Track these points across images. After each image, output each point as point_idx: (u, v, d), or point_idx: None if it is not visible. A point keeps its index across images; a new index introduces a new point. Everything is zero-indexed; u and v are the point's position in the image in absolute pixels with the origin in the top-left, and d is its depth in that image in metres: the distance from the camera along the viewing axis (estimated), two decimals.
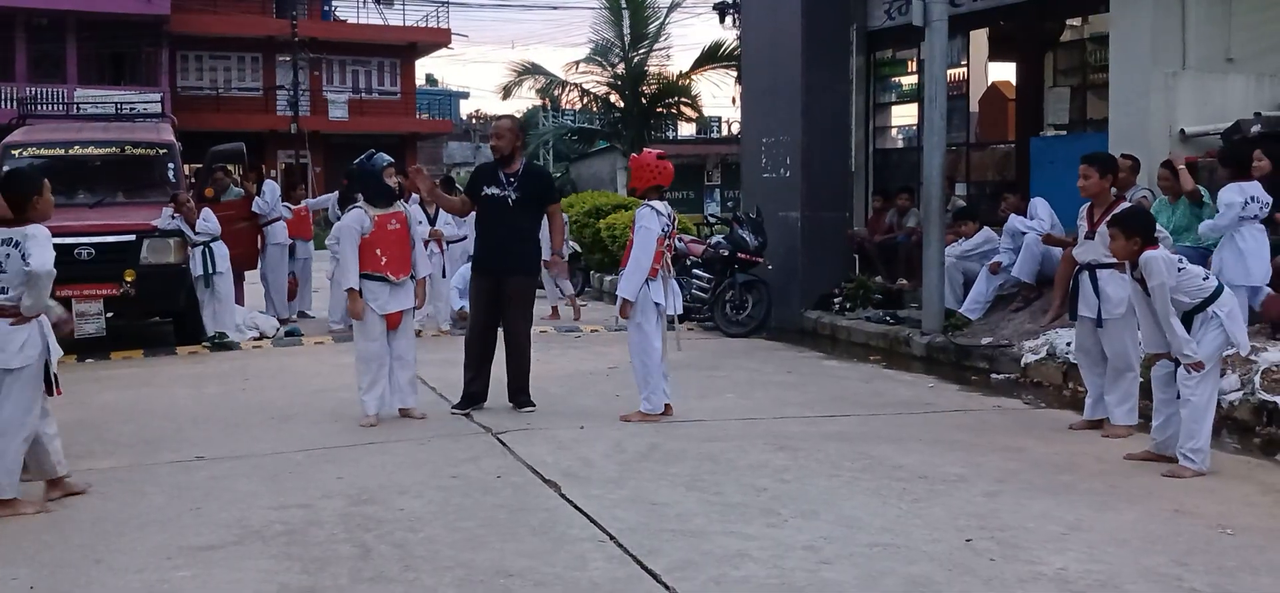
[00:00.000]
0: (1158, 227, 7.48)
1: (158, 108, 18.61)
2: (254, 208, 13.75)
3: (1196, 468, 6.29)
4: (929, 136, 11.31)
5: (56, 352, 6.07)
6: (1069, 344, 8.84)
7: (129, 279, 11.52)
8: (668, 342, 7.99)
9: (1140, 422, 7.46)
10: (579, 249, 17.82)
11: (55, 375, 6.03)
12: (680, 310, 8.30)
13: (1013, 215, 11.28)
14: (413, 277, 8.08)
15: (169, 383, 9.93)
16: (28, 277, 5.76)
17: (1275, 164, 9.22)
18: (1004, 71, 16.13)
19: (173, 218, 11.96)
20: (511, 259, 8.26)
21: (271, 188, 14.19)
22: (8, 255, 5.82)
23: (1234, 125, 10.50)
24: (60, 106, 27.04)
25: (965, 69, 14.57)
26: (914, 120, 14.31)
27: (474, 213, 8.66)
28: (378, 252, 7.83)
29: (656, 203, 7.92)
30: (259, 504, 5.91)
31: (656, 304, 7.84)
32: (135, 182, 12.96)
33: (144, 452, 7.23)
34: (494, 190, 8.25)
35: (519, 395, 8.39)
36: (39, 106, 26.89)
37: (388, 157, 8.22)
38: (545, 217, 8.59)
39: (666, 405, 7.97)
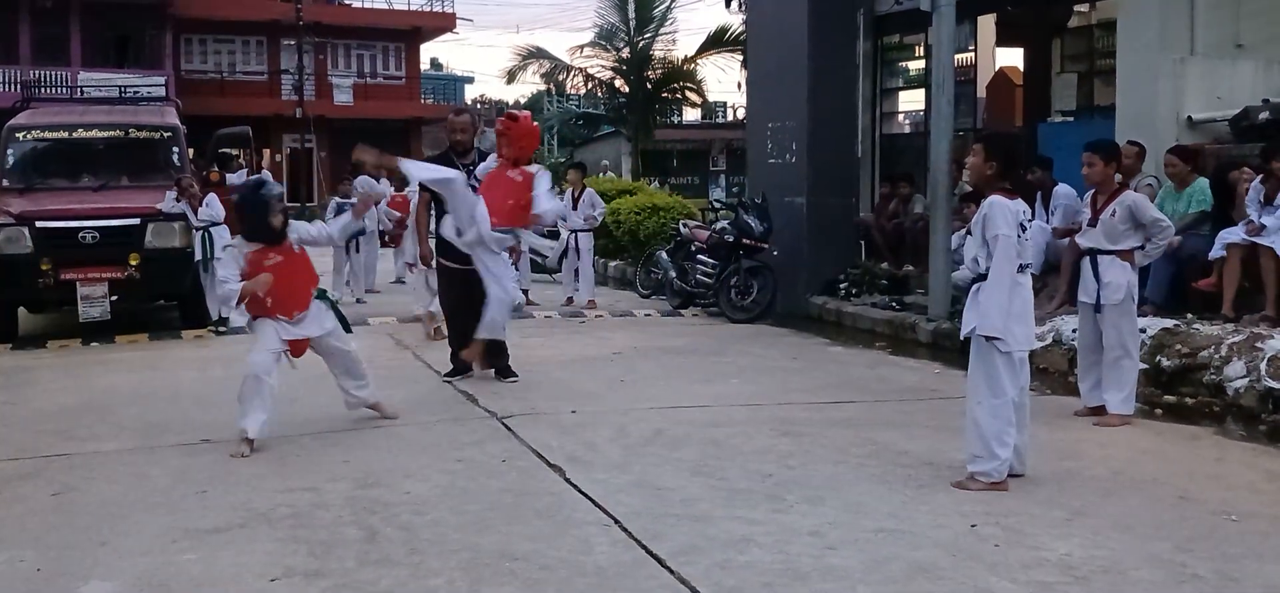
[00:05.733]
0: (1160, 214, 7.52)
1: (162, 91, 18.67)
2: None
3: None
4: (936, 122, 11.27)
5: None
6: (1074, 331, 8.83)
7: (134, 263, 11.53)
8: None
9: (1138, 409, 7.49)
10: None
11: None
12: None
13: (1062, 185, 10.90)
14: (322, 296, 7.18)
15: (174, 366, 9.94)
16: None
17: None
18: (1011, 57, 16.07)
19: (177, 202, 11.96)
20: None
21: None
22: None
23: (1243, 112, 10.45)
24: (64, 89, 27.08)
25: (973, 54, 14.52)
26: (921, 106, 14.26)
27: (436, 204, 8.88)
28: (261, 294, 6.73)
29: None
30: (265, 487, 5.91)
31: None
32: (139, 165, 12.95)
33: (149, 435, 7.24)
34: None
35: (498, 359, 8.78)
36: (43, 89, 26.93)
37: (277, 186, 7.20)
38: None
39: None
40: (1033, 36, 15.18)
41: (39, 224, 11.38)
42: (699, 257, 13.49)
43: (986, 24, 14.76)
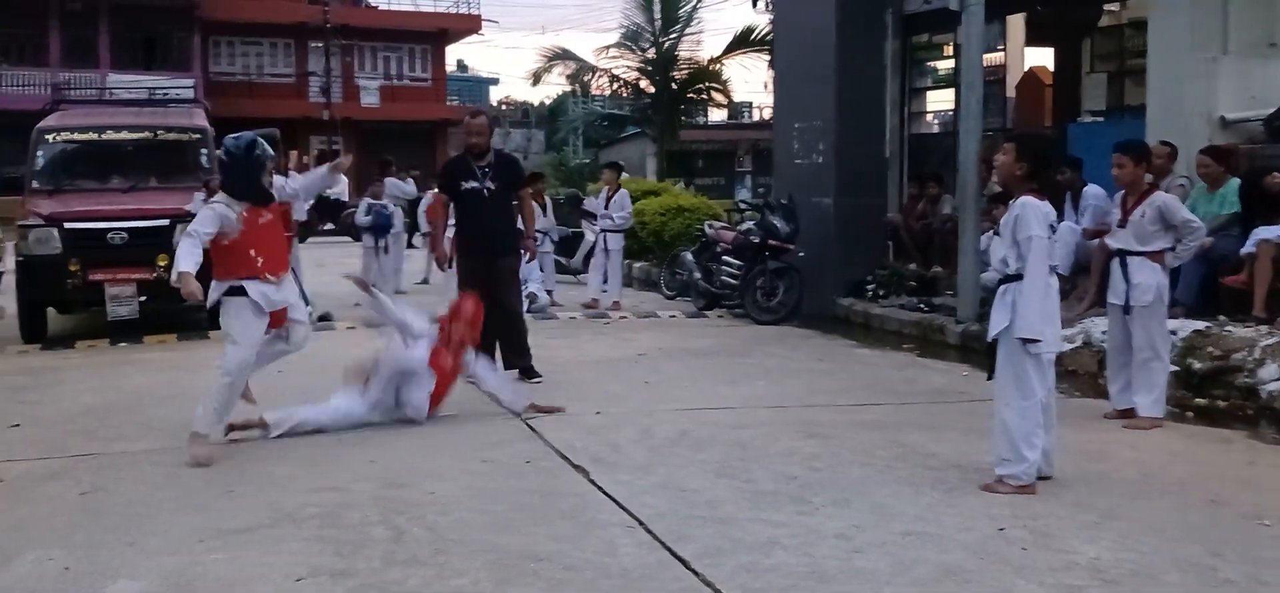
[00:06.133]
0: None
1: (190, 93, 18.73)
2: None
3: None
4: (965, 122, 11.20)
5: None
6: (1104, 333, 8.76)
7: (162, 263, 11.59)
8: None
9: (1169, 412, 7.41)
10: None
11: None
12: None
13: (1092, 186, 10.86)
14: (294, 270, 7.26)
15: (202, 366, 9.91)
16: None
17: None
18: (1041, 57, 16.02)
19: (205, 203, 12.01)
20: (497, 243, 8.90)
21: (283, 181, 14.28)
22: None
23: (1277, 111, 10.34)
24: (93, 92, 27.28)
25: (1002, 54, 14.46)
26: (950, 105, 14.19)
27: (455, 205, 9.09)
28: (253, 252, 6.66)
29: None
30: (293, 487, 5.93)
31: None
32: (168, 167, 13.02)
33: (177, 434, 7.23)
34: (472, 184, 8.84)
35: (522, 359, 8.88)
36: (72, 91, 27.16)
37: (269, 149, 6.95)
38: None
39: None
40: (1062, 36, 15.11)
41: (68, 225, 11.47)
42: (724, 258, 13.46)
43: (1016, 23, 14.69)
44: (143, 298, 11.60)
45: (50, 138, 12.82)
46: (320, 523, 5.33)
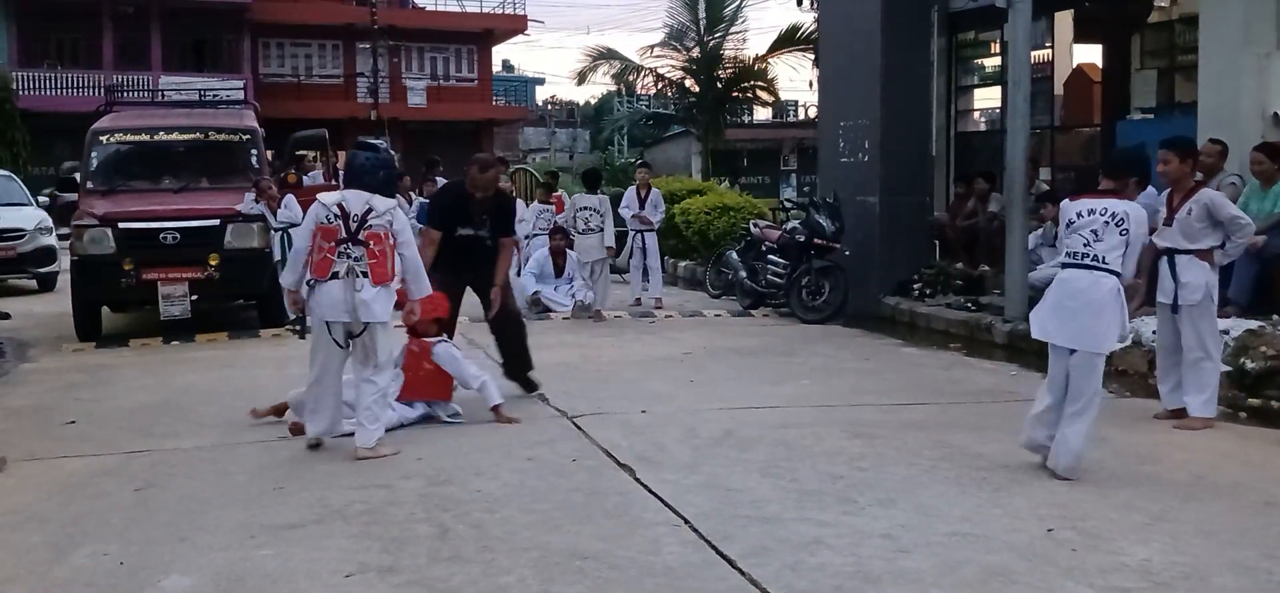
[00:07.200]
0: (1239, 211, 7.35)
1: (240, 94, 18.92)
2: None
3: None
4: (1012, 120, 11.10)
5: None
6: (1154, 333, 8.66)
7: (213, 263, 11.74)
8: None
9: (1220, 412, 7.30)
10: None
11: None
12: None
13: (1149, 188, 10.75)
14: None
15: (252, 365, 10.10)
16: None
17: None
18: (1089, 54, 15.81)
19: (256, 203, 12.16)
20: (485, 274, 8.23)
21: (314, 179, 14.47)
22: None
23: None
24: (145, 93, 27.63)
25: (1049, 51, 14.30)
26: (997, 103, 14.08)
27: (443, 242, 8.22)
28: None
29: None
30: (339, 484, 5.99)
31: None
32: (219, 167, 13.17)
33: (228, 432, 7.37)
34: (469, 231, 8.17)
35: (524, 373, 8.44)
36: (124, 93, 27.53)
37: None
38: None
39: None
40: (1111, 32, 14.91)
41: (121, 225, 11.63)
42: (769, 256, 13.43)
43: (1064, 20, 14.53)
44: (194, 297, 11.76)
45: (103, 139, 13.00)
46: (367, 520, 5.38)
